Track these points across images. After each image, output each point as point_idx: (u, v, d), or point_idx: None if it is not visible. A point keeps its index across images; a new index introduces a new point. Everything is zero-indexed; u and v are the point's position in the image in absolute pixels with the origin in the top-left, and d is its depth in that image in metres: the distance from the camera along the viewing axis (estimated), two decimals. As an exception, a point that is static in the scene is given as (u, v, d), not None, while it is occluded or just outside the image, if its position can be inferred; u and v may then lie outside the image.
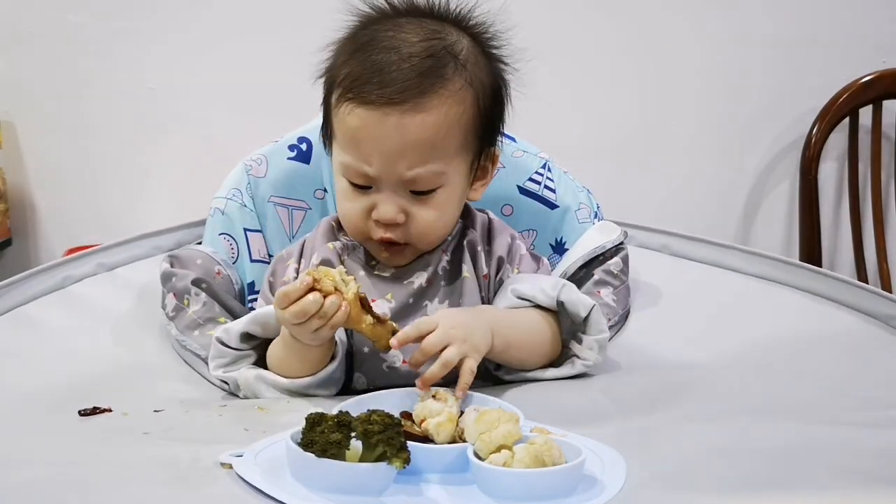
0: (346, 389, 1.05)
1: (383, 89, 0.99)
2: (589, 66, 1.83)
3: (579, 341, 1.07)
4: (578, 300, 1.06)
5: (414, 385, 0.94)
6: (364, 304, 0.96)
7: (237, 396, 1.04)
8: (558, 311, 1.06)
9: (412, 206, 1.03)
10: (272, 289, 1.09)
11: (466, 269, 1.10)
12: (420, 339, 0.95)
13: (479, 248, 1.11)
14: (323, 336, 0.96)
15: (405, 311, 1.07)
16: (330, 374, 1.01)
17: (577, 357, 1.06)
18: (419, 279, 1.08)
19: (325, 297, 0.93)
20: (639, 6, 1.83)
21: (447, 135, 1.02)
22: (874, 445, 0.86)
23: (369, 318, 0.96)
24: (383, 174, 1.01)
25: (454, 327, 0.96)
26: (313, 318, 0.93)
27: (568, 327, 1.07)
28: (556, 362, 1.08)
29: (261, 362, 1.05)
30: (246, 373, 1.02)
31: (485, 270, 1.10)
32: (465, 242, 1.11)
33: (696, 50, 1.86)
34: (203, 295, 1.15)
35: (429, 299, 1.08)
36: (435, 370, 0.93)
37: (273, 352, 1.03)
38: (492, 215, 1.16)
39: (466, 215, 1.14)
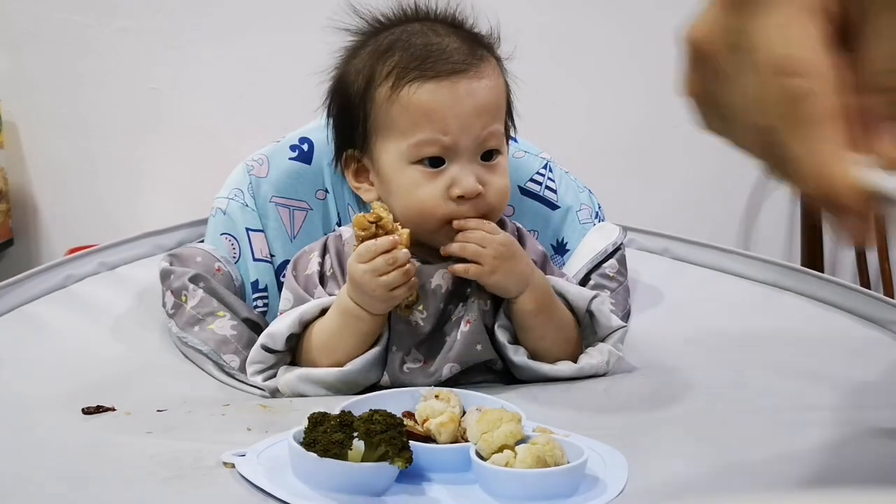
0: (373, 385, 1.05)
1: (447, 61, 1.03)
2: (591, 66, 1.83)
3: (594, 345, 1.08)
4: (609, 314, 1.08)
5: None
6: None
7: (239, 396, 1.04)
8: (582, 320, 1.08)
9: (485, 175, 1.05)
10: (297, 280, 1.10)
11: None
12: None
13: None
14: (397, 296, 0.98)
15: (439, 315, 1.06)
16: (379, 352, 1.02)
17: (587, 355, 1.07)
18: (445, 281, 1.06)
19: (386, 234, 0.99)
20: (641, 7, 1.83)
21: (500, 101, 1.08)
22: (874, 445, 0.86)
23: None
24: (461, 139, 1.03)
25: (503, 245, 1.01)
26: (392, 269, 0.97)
27: (587, 336, 1.09)
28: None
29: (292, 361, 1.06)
30: (286, 375, 1.03)
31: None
32: None
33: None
34: (200, 290, 1.15)
35: (453, 305, 1.06)
36: (453, 248, 1.01)
37: (320, 337, 1.03)
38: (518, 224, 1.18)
39: None
